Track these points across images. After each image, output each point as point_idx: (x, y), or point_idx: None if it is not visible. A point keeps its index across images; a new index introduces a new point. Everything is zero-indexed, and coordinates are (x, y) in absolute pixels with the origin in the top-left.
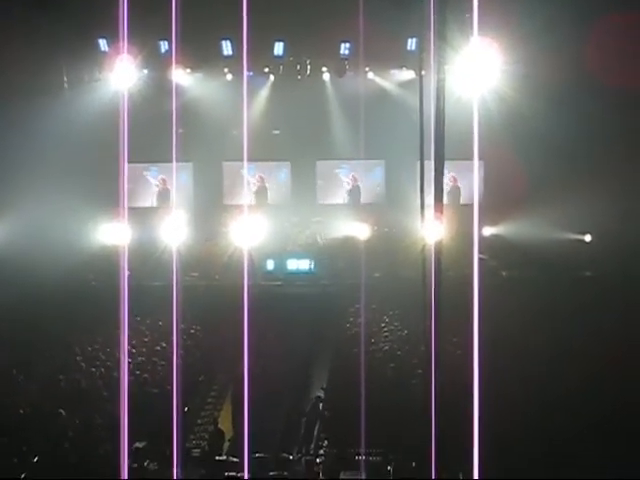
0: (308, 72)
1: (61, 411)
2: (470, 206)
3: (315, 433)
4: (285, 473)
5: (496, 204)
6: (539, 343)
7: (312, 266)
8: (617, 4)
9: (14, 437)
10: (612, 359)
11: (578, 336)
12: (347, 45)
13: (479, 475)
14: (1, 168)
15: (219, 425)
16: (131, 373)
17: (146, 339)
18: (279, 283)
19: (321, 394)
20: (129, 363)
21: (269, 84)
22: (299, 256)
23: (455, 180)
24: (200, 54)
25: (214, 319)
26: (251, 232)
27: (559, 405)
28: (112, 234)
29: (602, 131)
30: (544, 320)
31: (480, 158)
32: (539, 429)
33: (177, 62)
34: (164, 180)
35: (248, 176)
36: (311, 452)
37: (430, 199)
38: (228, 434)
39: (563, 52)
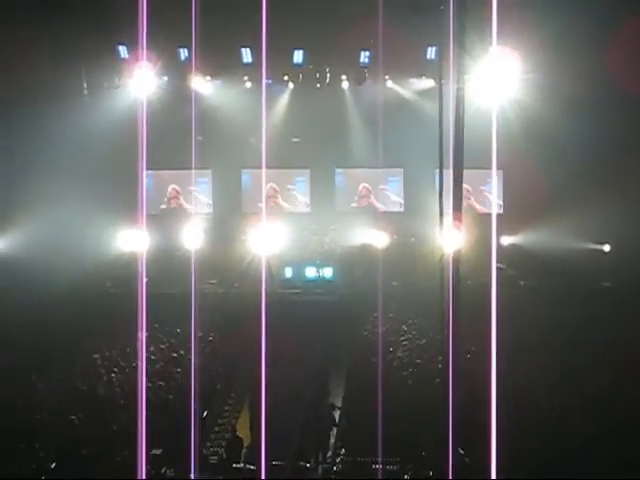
0: (327, 80)
1: (74, 418)
2: (488, 215)
3: (332, 441)
4: None
5: (514, 213)
6: (557, 352)
7: (330, 274)
8: (636, 10)
9: (32, 442)
10: (630, 367)
11: (596, 345)
12: (367, 53)
13: None
14: (19, 173)
15: (237, 432)
16: (149, 380)
17: (164, 346)
18: (297, 291)
19: (339, 402)
20: (147, 370)
21: (288, 92)
22: (317, 264)
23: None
24: (220, 62)
25: (232, 326)
26: (269, 240)
27: (577, 413)
28: (130, 241)
29: (622, 140)
30: (562, 329)
31: (499, 167)
32: (557, 436)
33: (196, 69)
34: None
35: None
36: (328, 460)
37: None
38: (245, 441)
39: (582, 60)
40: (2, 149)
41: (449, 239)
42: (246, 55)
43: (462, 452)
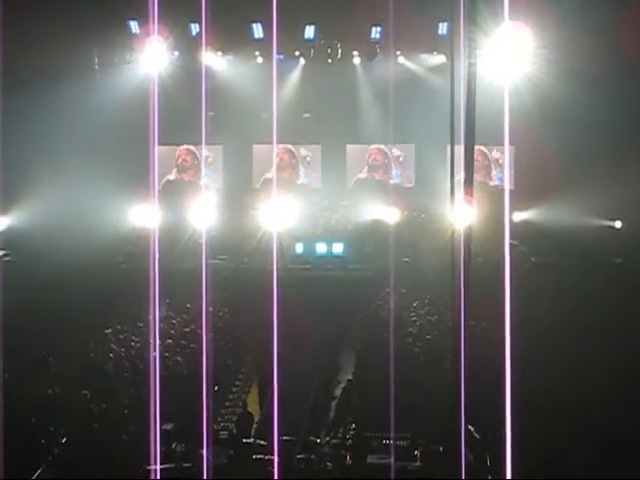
0: (339, 56)
1: (85, 392)
2: (500, 191)
3: (343, 416)
4: (312, 456)
5: (526, 189)
6: (569, 329)
7: (341, 250)
8: None
9: (42, 418)
10: None
11: (608, 322)
12: (378, 29)
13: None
14: (31, 150)
15: (247, 408)
16: (160, 355)
17: (174, 322)
18: (308, 266)
19: (349, 377)
20: (158, 345)
21: (300, 67)
22: (328, 240)
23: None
24: (231, 37)
25: (243, 302)
26: (280, 215)
27: (590, 391)
28: (142, 216)
29: (635, 116)
30: (574, 306)
31: (511, 143)
32: (571, 417)
33: (208, 45)
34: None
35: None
36: (339, 436)
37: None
38: (256, 417)
39: (596, 35)
40: (14, 125)
41: (460, 215)
42: (257, 30)
43: (472, 429)
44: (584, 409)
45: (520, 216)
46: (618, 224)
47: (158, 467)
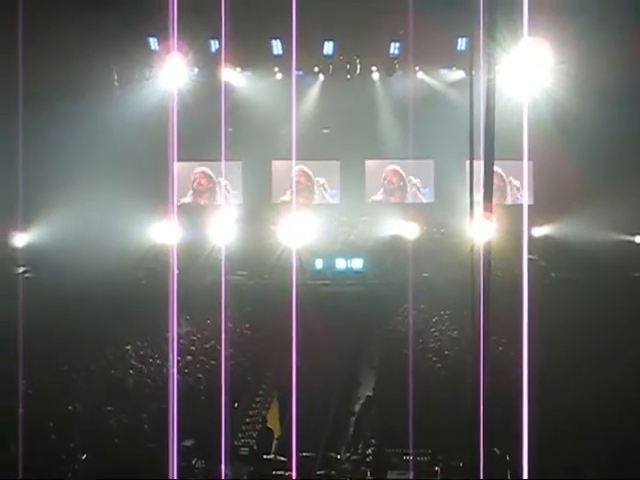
0: (358, 71)
1: (106, 409)
2: (519, 206)
3: (363, 432)
4: (332, 472)
5: (546, 204)
6: (588, 344)
7: (360, 266)
8: None
9: (63, 434)
10: None
11: (627, 337)
12: (397, 44)
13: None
14: (51, 166)
15: (267, 424)
16: (179, 371)
17: (194, 338)
18: (327, 282)
19: (369, 393)
20: (178, 361)
21: (319, 83)
22: (348, 255)
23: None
24: (250, 53)
25: (263, 318)
26: (300, 231)
27: (608, 407)
28: (162, 232)
29: None
30: (593, 321)
31: (530, 158)
32: (590, 431)
33: (227, 61)
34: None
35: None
36: (359, 451)
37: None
38: (276, 433)
39: (614, 50)
40: (34, 141)
41: (480, 230)
42: (276, 47)
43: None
44: (601, 424)
45: (539, 231)
46: (638, 239)
47: None
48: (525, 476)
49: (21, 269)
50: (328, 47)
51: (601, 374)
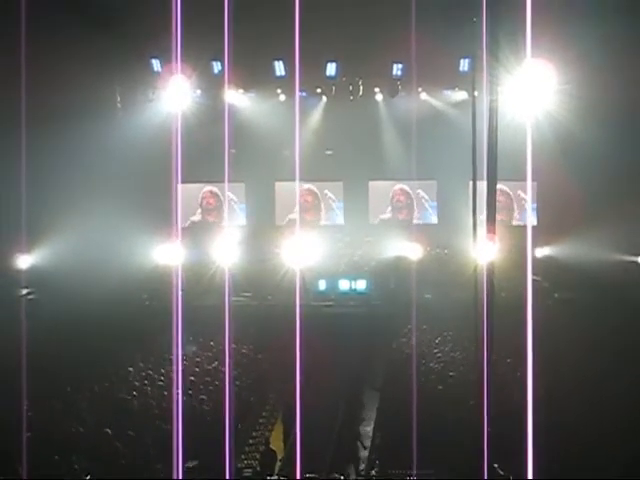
0: (361, 92)
1: (107, 430)
2: (522, 227)
3: (366, 454)
4: None
5: (549, 225)
6: (591, 363)
7: (364, 287)
8: None
9: (66, 455)
10: None
11: (630, 357)
12: (399, 66)
13: None
14: (54, 187)
15: (270, 445)
16: (184, 392)
17: (199, 359)
18: (331, 303)
19: (373, 414)
20: (182, 382)
21: (322, 104)
22: (351, 277)
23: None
24: (253, 75)
25: (266, 339)
26: (303, 252)
27: (614, 423)
28: (165, 254)
29: None
30: (596, 341)
31: (533, 179)
32: (594, 449)
33: (230, 82)
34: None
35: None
36: (362, 473)
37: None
38: (279, 454)
39: (618, 72)
40: (38, 163)
41: (483, 251)
42: (279, 68)
43: (496, 466)
44: (606, 442)
45: (543, 252)
46: None
47: None
48: None
49: (25, 291)
50: (331, 68)
51: (605, 393)
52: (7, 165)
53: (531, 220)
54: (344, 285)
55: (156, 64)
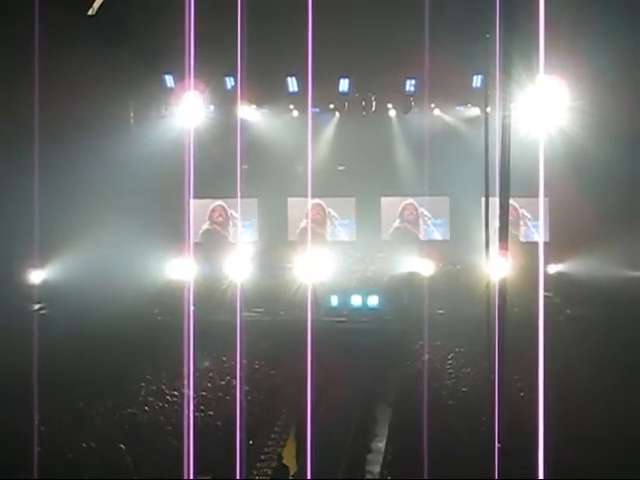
0: (373, 108)
1: (121, 446)
2: (534, 243)
3: (378, 469)
4: None
5: (561, 242)
6: (603, 380)
7: (376, 302)
8: None
9: (78, 470)
10: None
11: None
12: (412, 82)
13: None
14: (67, 202)
15: (283, 460)
16: (195, 408)
17: (211, 374)
18: (343, 319)
19: (385, 430)
20: (194, 397)
21: (334, 120)
22: (363, 292)
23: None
24: (266, 90)
25: (278, 354)
26: (315, 267)
27: (627, 440)
28: (178, 269)
29: None
30: (608, 357)
31: (545, 195)
32: (607, 467)
33: (243, 98)
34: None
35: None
36: None
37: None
38: (292, 470)
39: (631, 89)
40: (50, 178)
41: (495, 267)
42: (292, 84)
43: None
44: (617, 459)
45: (554, 268)
46: None
47: None
48: None
49: (37, 306)
50: (344, 84)
51: (616, 409)
52: (21, 180)
53: (542, 236)
54: (356, 301)
55: (169, 80)
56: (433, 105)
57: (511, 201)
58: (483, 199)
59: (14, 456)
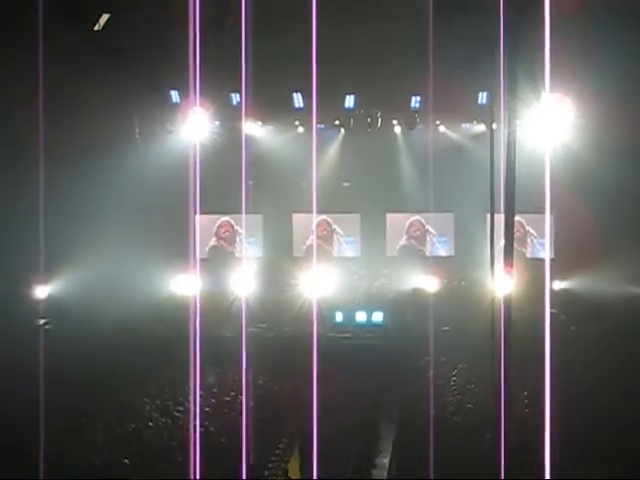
0: (379, 125)
1: (125, 461)
2: (540, 260)
3: None
4: None
5: (566, 258)
6: (608, 396)
7: (381, 319)
8: None
9: None
10: None
11: None
12: (418, 98)
13: None
14: (72, 218)
15: (289, 474)
16: (200, 423)
17: (215, 389)
18: (348, 335)
19: (389, 446)
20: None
21: (340, 137)
22: (368, 308)
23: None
24: (271, 106)
25: (282, 370)
26: (320, 284)
27: (632, 459)
28: (182, 285)
29: None
30: (614, 374)
31: (551, 212)
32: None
33: (248, 114)
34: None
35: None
36: None
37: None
38: None
39: (636, 106)
40: (55, 194)
41: (500, 284)
42: (297, 100)
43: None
44: (624, 475)
45: (560, 285)
46: None
47: None
48: None
49: (42, 321)
50: (349, 101)
51: (623, 425)
52: (27, 196)
53: (549, 253)
54: (361, 317)
55: (175, 96)
56: (438, 122)
57: (517, 217)
58: (488, 215)
59: (17, 471)
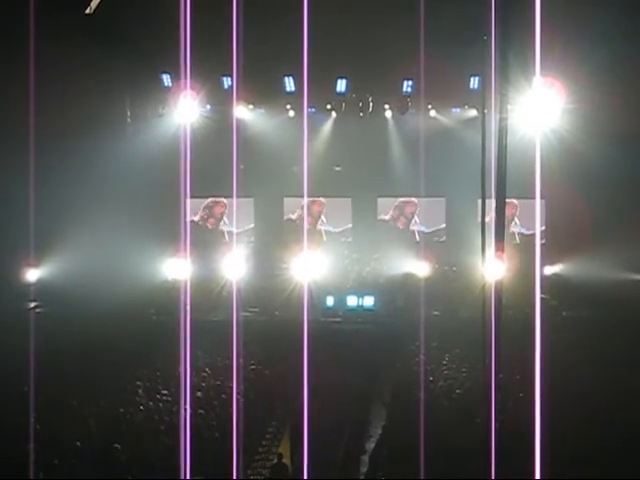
0: (370, 109)
1: (117, 446)
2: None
3: (374, 471)
4: None
5: (557, 243)
6: (600, 383)
7: (372, 303)
8: None
9: (70, 471)
10: None
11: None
12: (409, 83)
13: None
14: (63, 201)
15: (281, 459)
16: (190, 408)
17: (205, 374)
18: (339, 319)
19: (380, 431)
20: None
21: (331, 121)
22: (359, 293)
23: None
24: (262, 90)
25: (273, 354)
26: (311, 268)
27: (624, 444)
28: (174, 269)
29: None
30: (604, 359)
31: (541, 197)
32: (602, 470)
33: (239, 98)
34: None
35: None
36: None
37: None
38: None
39: (627, 92)
40: (46, 177)
41: (491, 269)
42: (289, 84)
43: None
44: (615, 461)
45: (550, 270)
46: None
47: None
48: None
49: (32, 304)
50: (341, 85)
51: (614, 412)
52: (17, 178)
53: (539, 238)
54: (352, 301)
55: (167, 79)
56: (430, 106)
57: (508, 200)
58: (479, 200)
59: (8, 455)
